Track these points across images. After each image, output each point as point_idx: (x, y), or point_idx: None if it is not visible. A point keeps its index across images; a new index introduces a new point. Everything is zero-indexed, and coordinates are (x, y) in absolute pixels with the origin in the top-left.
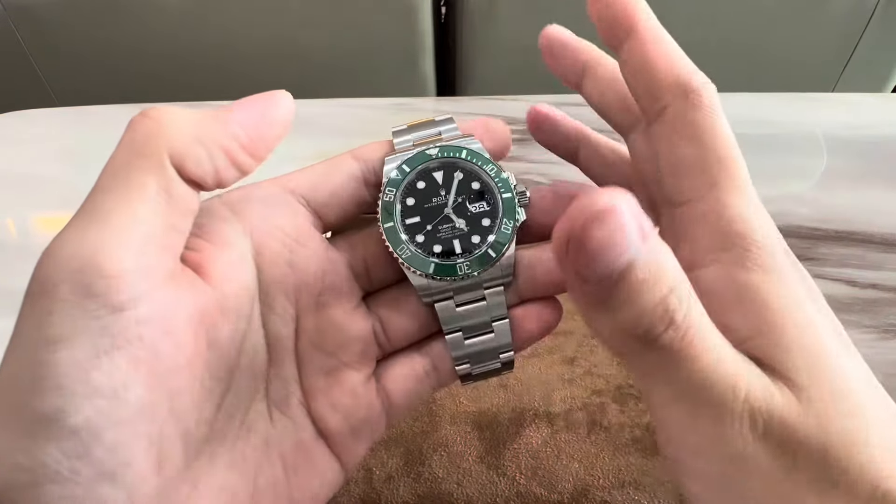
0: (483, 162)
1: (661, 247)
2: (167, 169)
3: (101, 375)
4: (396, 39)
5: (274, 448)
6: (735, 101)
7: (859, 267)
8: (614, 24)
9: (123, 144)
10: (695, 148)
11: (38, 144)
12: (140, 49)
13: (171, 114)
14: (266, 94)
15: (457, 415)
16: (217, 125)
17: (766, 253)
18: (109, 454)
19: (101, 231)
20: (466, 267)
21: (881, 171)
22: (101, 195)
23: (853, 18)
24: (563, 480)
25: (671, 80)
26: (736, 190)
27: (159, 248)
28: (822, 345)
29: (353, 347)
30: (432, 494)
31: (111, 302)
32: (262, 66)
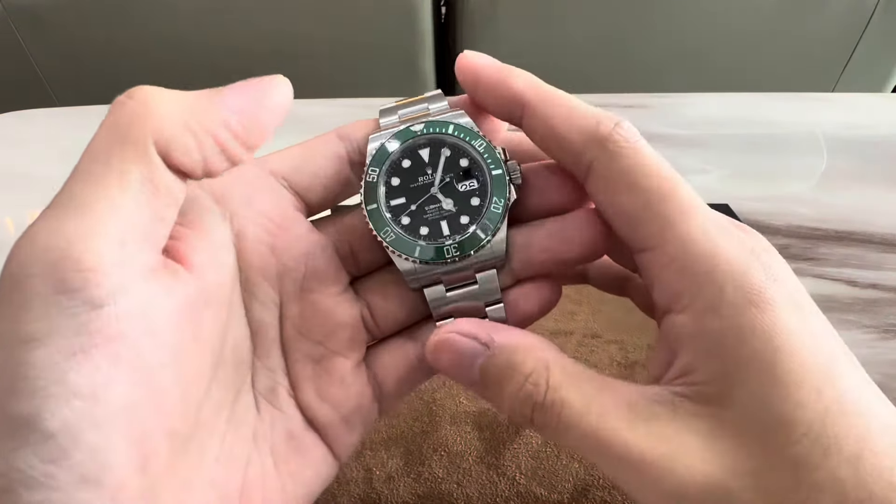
0: (471, 137)
1: (510, 342)
2: (152, 156)
3: (79, 376)
4: (396, 39)
5: (263, 440)
6: (735, 101)
7: (859, 267)
8: (507, 107)
9: (105, 128)
10: (634, 195)
11: (38, 144)
12: (140, 49)
13: (157, 95)
14: (262, 79)
15: (457, 415)
16: (207, 110)
17: (739, 287)
18: (89, 457)
19: (79, 221)
20: (454, 249)
21: (881, 171)
22: (80, 183)
23: (853, 18)
24: (563, 480)
25: (581, 138)
26: (691, 222)
27: (141, 240)
28: (779, 393)
29: (341, 334)
30: (432, 494)
31: (89, 297)
32: (263, 66)
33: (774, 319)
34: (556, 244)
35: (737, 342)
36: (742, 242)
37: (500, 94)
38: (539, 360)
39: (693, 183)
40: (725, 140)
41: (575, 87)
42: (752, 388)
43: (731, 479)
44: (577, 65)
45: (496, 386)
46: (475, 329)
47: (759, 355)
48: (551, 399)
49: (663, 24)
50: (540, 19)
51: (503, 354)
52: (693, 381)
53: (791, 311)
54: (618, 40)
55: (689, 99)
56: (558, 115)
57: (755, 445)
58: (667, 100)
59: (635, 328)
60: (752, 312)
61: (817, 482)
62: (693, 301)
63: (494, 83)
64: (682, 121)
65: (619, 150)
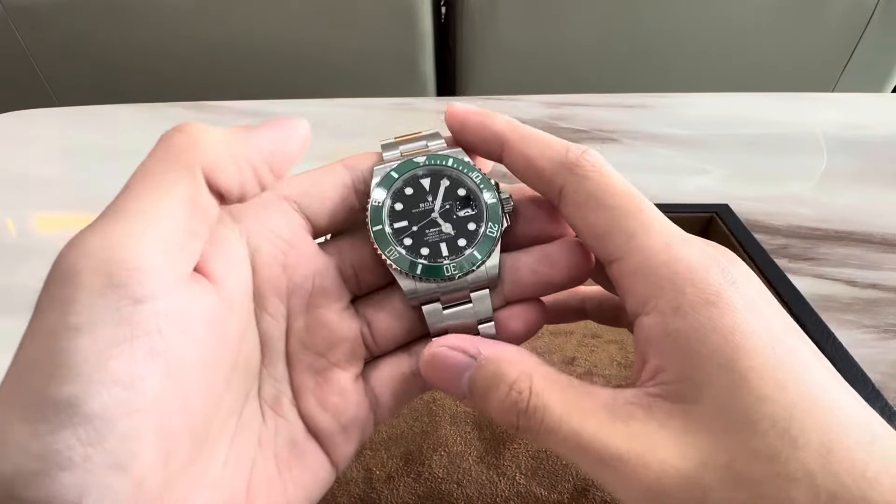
0: (468, 169)
1: (495, 354)
2: (198, 178)
3: (120, 364)
4: (396, 39)
5: (267, 446)
6: (735, 101)
7: (859, 267)
8: (490, 145)
9: (157, 154)
10: (601, 213)
11: (38, 144)
12: (140, 49)
13: (204, 130)
14: (288, 119)
15: (457, 415)
16: (246, 143)
17: (698, 289)
18: (121, 443)
19: (127, 227)
20: (453, 268)
21: (881, 171)
22: (131, 196)
23: (853, 18)
24: (563, 480)
25: (552, 165)
26: (652, 233)
27: (180, 250)
28: (743, 387)
29: (342, 347)
30: (432, 494)
31: (133, 293)
32: (262, 66)
33: (734, 318)
34: (543, 267)
35: (698, 340)
36: (702, 250)
37: (483, 134)
38: (522, 370)
39: (693, 183)
40: (725, 140)
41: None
42: (716, 385)
43: (705, 473)
44: (576, 65)
45: (484, 395)
46: (463, 343)
47: (720, 352)
48: (534, 405)
49: (663, 24)
50: (540, 19)
51: (490, 366)
52: (663, 380)
53: (750, 311)
54: (618, 41)
55: (689, 99)
56: (532, 147)
57: (725, 439)
58: (667, 100)
59: None
60: (711, 312)
61: (788, 474)
62: (657, 303)
63: (478, 126)
64: (682, 121)
65: (586, 174)
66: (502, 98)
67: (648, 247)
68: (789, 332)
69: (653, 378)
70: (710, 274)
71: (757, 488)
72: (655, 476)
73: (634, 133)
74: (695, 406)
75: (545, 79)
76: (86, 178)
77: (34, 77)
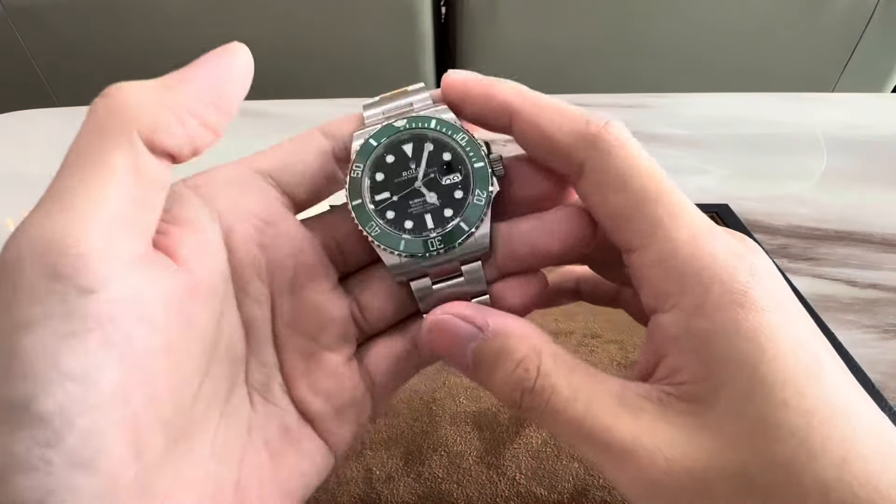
0: (454, 131)
1: (504, 328)
2: (136, 144)
3: (72, 359)
4: (396, 39)
5: (257, 434)
6: (735, 101)
7: (859, 267)
8: (495, 116)
9: (87, 125)
10: (625, 195)
11: (38, 144)
12: (140, 49)
13: (132, 89)
14: (221, 49)
15: (457, 415)
16: (181, 90)
17: (725, 288)
18: (83, 441)
19: (66, 212)
20: (438, 242)
21: (881, 171)
22: (66, 177)
23: (853, 19)
24: (563, 480)
25: (571, 138)
26: (680, 223)
27: (129, 228)
28: (763, 393)
29: (332, 329)
30: (432, 494)
31: (79, 283)
32: (262, 67)
33: (759, 320)
34: (538, 237)
35: (721, 343)
36: (729, 245)
37: (488, 105)
38: (531, 348)
39: (693, 183)
40: (725, 140)
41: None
42: (735, 389)
43: (715, 476)
44: (576, 65)
45: (488, 369)
46: (471, 312)
47: (743, 356)
48: (541, 385)
49: (663, 24)
50: (540, 19)
51: (497, 339)
52: (679, 380)
53: (776, 313)
54: (618, 41)
55: (689, 99)
56: (546, 117)
57: (739, 444)
58: (667, 100)
59: (635, 328)
60: (737, 313)
61: (801, 483)
62: (679, 301)
63: (481, 94)
64: (682, 121)
65: (611, 148)
66: None
67: (674, 238)
68: (812, 335)
69: (668, 377)
70: (737, 272)
71: (768, 496)
72: (662, 473)
73: (634, 133)
74: (710, 408)
75: (545, 79)
76: None
77: (34, 77)
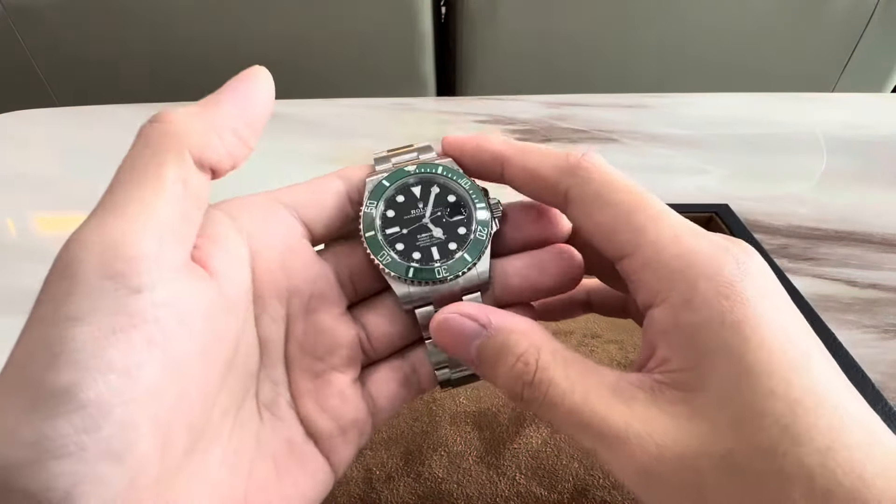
0: (458, 177)
1: (505, 325)
2: (186, 160)
3: (117, 352)
4: (396, 40)
5: (265, 447)
6: (735, 101)
7: (859, 267)
8: (490, 165)
9: (140, 144)
10: (607, 210)
11: (38, 144)
12: (140, 49)
13: (179, 113)
14: (246, 74)
15: (457, 415)
16: (217, 110)
17: (712, 282)
18: (117, 432)
19: (121, 219)
20: (444, 270)
21: (881, 171)
22: (120, 189)
23: (853, 19)
24: (563, 480)
25: (554, 171)
26: (661, 227)
27: (174, 237)
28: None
29: (341, 352)
30: (432, 494)
31: (130, 283)
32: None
33: (745, 312)
34: (532, 273)
35: (708, 333)
36: (714, 242)
37: (482, 156)
38: (531, 344)
39: (693, 183)
40: (725, 140)
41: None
42: (722, 377)
43: (702, 460)
44: (576, 65)
45: (491, 364)
46: (475, 311)
47: (728, 346)
48: (539, 378)
49: (663, 24)
50: (540, 20)
51: (499, 336)
52: (670, 368)
53: (762, 304)
54: (617, 41)
55: (689, 99)
56: (532, 159)
57: (726, 431)
58: (667, 100)
59: (635, 328)
60: (723, 305)
61: (785, 469)
62: (668, 296)
63: (476, 150)
64: (682, 121)
65: (589, 175)
66: (502, 98)
67: (658, 240)
68: (798, 326)
69: (659, 366)
70: (723, 265)
71: (753, 481)
72: (652, 458)
73: (634, 133)
74: (698, 395)
75: (545, 79)
76: (86, 178)
77: (34, 77)
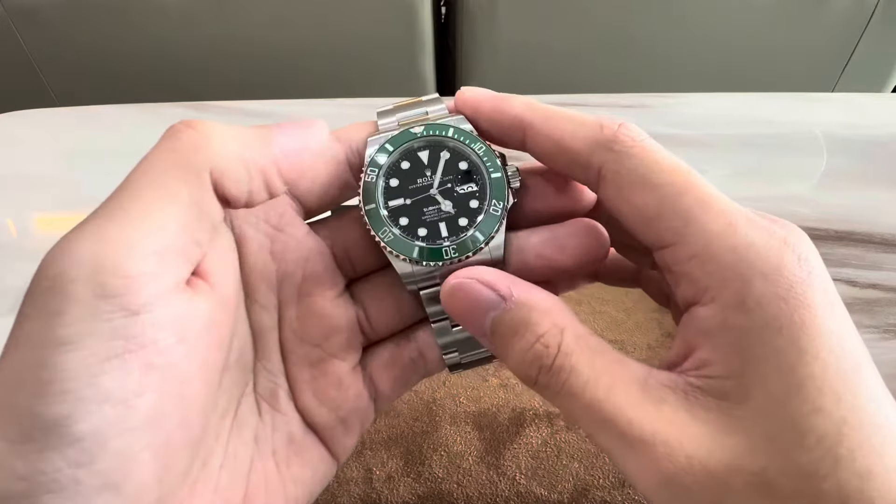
0: (471, 140)
1: (528, 299)
2: (205, 182)
3: (112, 381)
4: (396, 39)
5: (264, 443)
6: (735, 101)
7: (859, 267)
8: (509, 131)
9: (164, 150)
10: (649, 193)
11: (38, 144)
12: (140, 49)
13: (216, 128)
14: (307, 122)
15: (457, 415)
16: (260, 147)
17: (769, 281)
18: (114, 464)
19: (124, 230)
20: (453, 251)
21: (881, 171)
22: (130, 195)
23: (853, 18)
24: (563, 480)
25: (587, 144)
26: (712, 214)
27: (179, 256)
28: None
29: (337, 337)
30: (432, 494)
31: (127, 304)
32: (262, 66)
33: (804, 318)
34: (550, 251)
35: (760, 340)
36: (772, 233)
37: (501, 120)
38: (554, 324)
39: None
40: (725, 140)
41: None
42: (771, 389)
43: (733, 477)
44: (576, 65)
45: (506, 340)
46: (495, 279)
47: (781, 356)
48: (560, 364)
49: (663, 24)
50: (540, 19)
51: (520, 310)
52: (710, 373)
53: (822, 311)
54: (617, 41)
55: (689, 99)
56: (559, 126)
57: (765, 447)
58: (667, 100)
59: (635, 328)
60: (780, 309)
61: (823, 492)
62: (718, 295)
63: (494, 111)
64: (682, 121)
65: (627, 149)
66: None
67: (708, 229)
68: (853, 336)
69: (697, 369)
70: (783, 262)
71: (786, 502)
72: (679, 469)
73: None
74: (739, 406)
75: (545, 79)
76: (86, 178)
77: (34, 77)
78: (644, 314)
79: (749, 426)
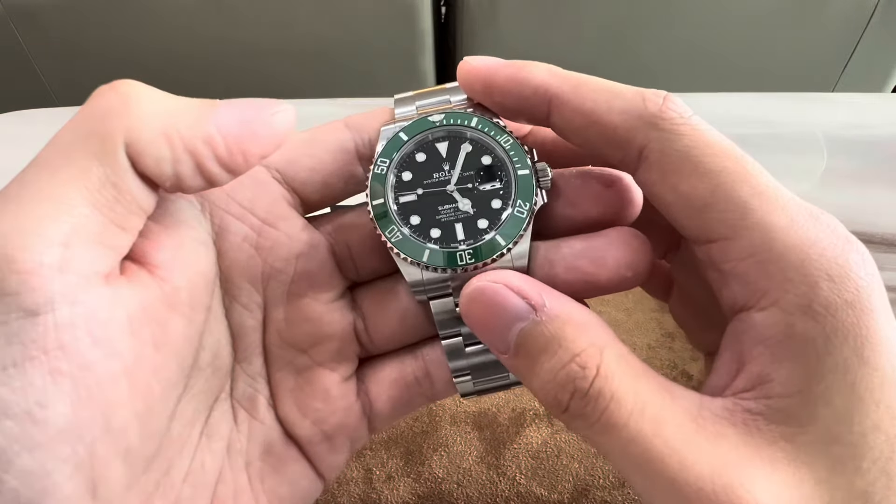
0: (497, 132)
1: (563, 312)
2: (118, 157)
3: (12, 393)
4: (396, 39)
5: (238, 455)
6: (735, 101)
7: None
8: (529, 105)
9: (76, 119)
10: (701, 179)
11: (38, 144)
12: (140, 49)
13: (141, 92)
14: (263, 101)
15: (457, 415)
16: (193, 121)
17: (836, 284)
18: (24, 483)
19: (20, 215)
20: (469, 256)
21: (881, 171)
22: (34, 174)
23: (853, 18)
24: (563, 480)
25: (626, 120)
26: (773, 207)
27: (93, 244)
28: (860, 413)
29: (328, 345)
30: (432, 494)
31: (24, 303)
32: (262, 66)
33: (869, 325)
34: (584, 264)
35: (827, 350)
36: (835, 229)
37: (520, 92)
38: (593, 342)
39: None
40: None
41: None
42: (834, 406)
43: None
44: (577, 65)
45: (534, 358)
46: (525, 285)
47: (846, 368)
48: (599, 388)
49: (663, 24)
50: (540, 19)
51: (553, 324)
52: (769, 393)
53: (883, 317)
54: (618, 41)
55: (690, 99)
56: (593, 98)
57: (830, 477)
58: None
59: (635, 328)
60: (847, 315)
61: None
62: (780, 298)
63: (510, 80)
64: None
65: (676, 128)
66: None
67: (769, 224)
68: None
69: (754, 388)
70: (849, 263)
71: None
72: None
73: None
74: (805, 430)
75: None
76: None
77: (34, 77)
78: (644, 314)
79: (814, 454)
